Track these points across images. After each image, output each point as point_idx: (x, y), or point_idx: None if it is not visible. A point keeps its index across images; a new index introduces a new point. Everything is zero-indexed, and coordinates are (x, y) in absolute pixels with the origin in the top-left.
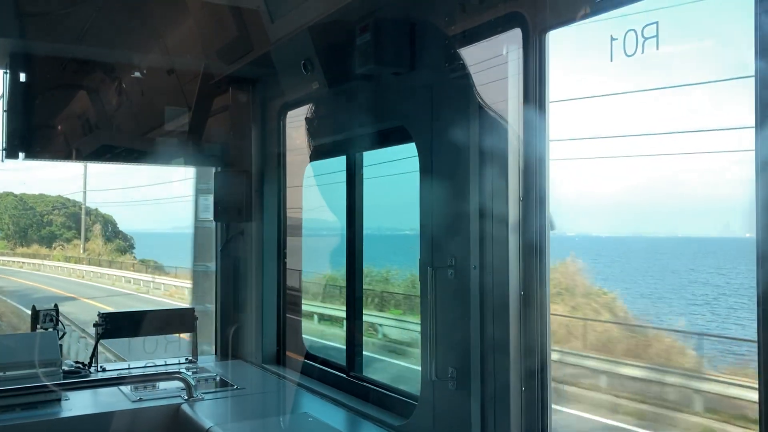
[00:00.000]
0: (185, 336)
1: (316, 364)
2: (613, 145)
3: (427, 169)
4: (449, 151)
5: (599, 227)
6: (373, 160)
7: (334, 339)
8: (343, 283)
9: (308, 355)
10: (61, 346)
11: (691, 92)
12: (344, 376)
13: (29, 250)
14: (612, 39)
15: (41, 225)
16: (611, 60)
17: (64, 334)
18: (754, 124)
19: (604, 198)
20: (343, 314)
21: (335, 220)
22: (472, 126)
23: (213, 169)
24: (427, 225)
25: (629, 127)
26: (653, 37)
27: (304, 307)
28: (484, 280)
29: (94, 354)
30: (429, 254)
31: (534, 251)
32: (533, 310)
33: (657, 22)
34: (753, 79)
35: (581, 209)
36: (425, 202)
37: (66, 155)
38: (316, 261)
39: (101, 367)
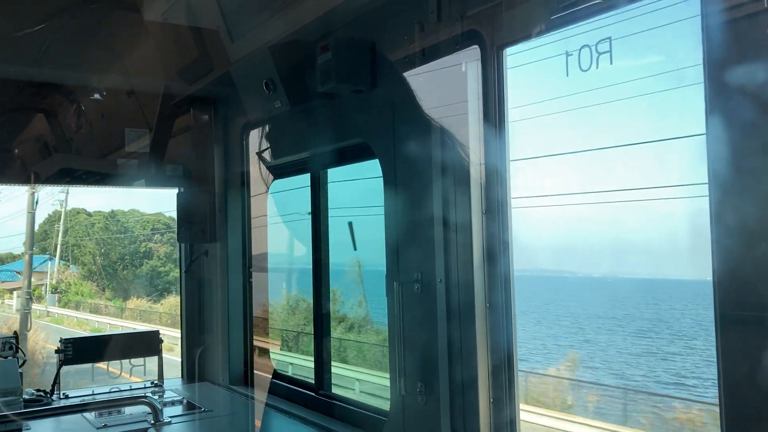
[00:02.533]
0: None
1: (285, 383)
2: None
3: (390, 185)
4: (412, 167)
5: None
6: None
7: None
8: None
9: (276, 375)
10: (21, 374)
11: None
12: (313, 394)
13: (131, 304)
14: (567, 54)
15: (136, 258)
16: (567, 75)
17: (24, 362)
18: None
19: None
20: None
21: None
22: (434, 141)
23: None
24: (392, 240)
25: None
26: (607, 52)
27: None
28: (450, 292)
29: (56, 381)
30: (395, 269)
31: (498, 263)
32: (499, 321)
33: (610, 38)
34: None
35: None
36: (389, 217)
37: (24, 179)
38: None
39: (64, 394)
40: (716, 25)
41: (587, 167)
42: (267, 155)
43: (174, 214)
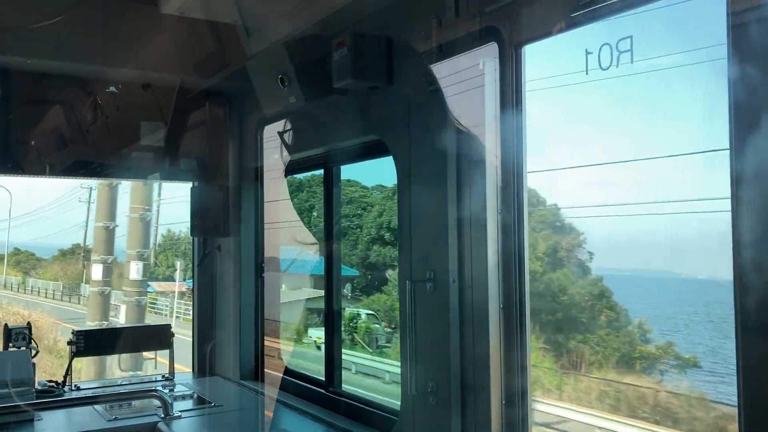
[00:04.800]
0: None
1: (295, 380)
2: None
3: (405, 183)
4: (427, 165)
5: None
6: None
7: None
8: None
9: (287, 371)
10: (34, 365)
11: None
12: (323, 391)
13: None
14: (587, 53)
15: None
16: (587, 73)
17: (37, 352)
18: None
19: None
20: None
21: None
22: (450, 139)
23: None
24: (405, 239)
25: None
26: (628, 51)
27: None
28: (463, 293)
29: (68, 372)
30: (408, 268)
31: (513, 263)
32: (513, 323)
33: (631, 36)
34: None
35: None
36: (404, 215)
37: (40, 170)
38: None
39: (75, 385)
40: (744, 27)
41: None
42: (283, 150)
43: None
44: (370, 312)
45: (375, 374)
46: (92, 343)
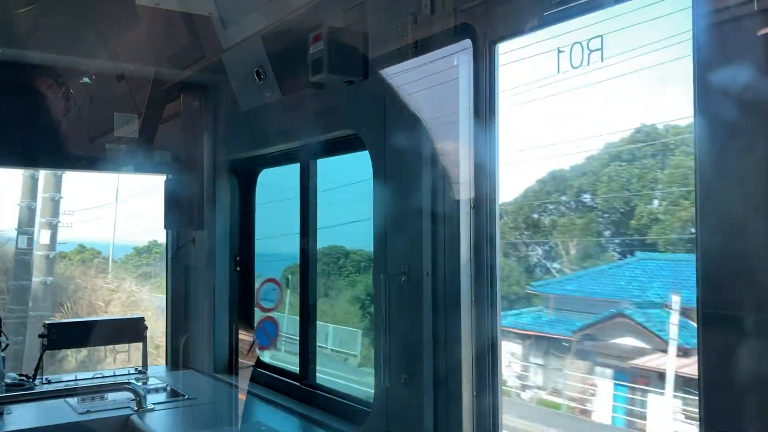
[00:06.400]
0: None
1: (269, 373)
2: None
3: (380, 177)
4: (402, 160)
5: None
6: None
7: None
8: None
9: (260, 364)
10: (3, 357)
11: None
12: (298, 384)
13: None
14: (559, 51)
15: None
16: (558, 71)
17: (7, 345)
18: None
19: None
20: None
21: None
22: (424, 135)
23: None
24: (380, 233)
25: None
26: (598, 49)
27: None
28: (436, 286)
29: (39, 365)
30: (382, 261)
31: (485, 258)
32: (484, 315)
33: (602, 36)
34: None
35: None
36: (378, 209)
37: (8, 162)
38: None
39: (46, 378)
40: (706, 27)
41: None
42: (257, 144)
43: None
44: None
45: None
46: (63, 336)
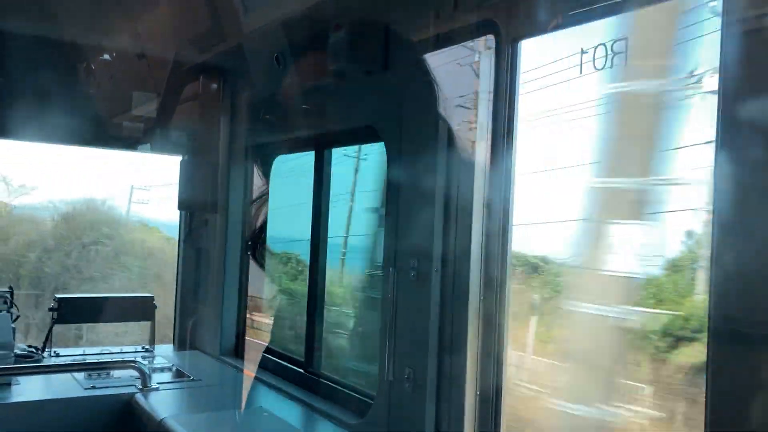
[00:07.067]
0: None
1: (275, 359)
2: None
3: (394, 170)
4: (417, 154)
5: None
6: None
7: None
8: None
9: (267, 350)
10: (14, 329)
11: None
12: (302, 371)
13: None
14: (582, 52)
15: None
16: (581, 72)
17: (18, 317)
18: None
19: None
20: None
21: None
22: (441, 130)
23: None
24: (391, 226)
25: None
26: (622, 52)
27: None
28: (445, 283)
29: (48, 338)
30: (392, 255)
31: (496, 258)
32: (492, 315)
33: (627, 38)
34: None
35: None
36: (391, 203)
37: (28, 136)
38: None
39: (55, 352)
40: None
41: None
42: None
43: None
44: None
45: None
46: (73, 310)
